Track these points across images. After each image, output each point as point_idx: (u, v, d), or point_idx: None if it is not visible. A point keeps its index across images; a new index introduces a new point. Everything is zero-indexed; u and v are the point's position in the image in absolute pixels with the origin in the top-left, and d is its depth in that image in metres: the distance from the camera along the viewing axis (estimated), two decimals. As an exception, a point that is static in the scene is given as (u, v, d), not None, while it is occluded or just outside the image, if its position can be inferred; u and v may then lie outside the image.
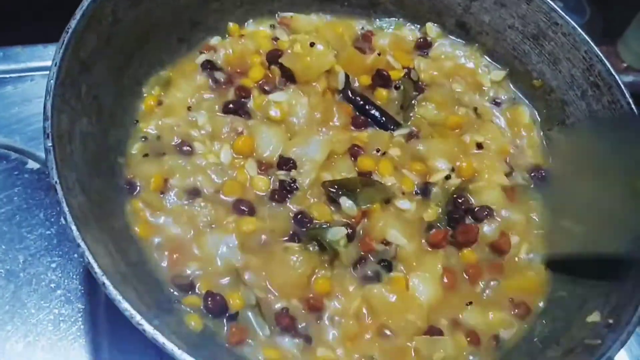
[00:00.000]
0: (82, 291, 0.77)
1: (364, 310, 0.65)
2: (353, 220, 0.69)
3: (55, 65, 0.61)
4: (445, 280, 0.68)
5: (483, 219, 0.72)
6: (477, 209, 0.72)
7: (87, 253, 0.53)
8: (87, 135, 0.64)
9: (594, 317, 0.64)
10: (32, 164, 0.86)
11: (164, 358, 0.52)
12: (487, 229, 0.72)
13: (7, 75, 0.93)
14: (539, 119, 0.85)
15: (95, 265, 0.52)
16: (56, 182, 0.55)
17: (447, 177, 0.73)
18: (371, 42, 0.88)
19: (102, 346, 0.73)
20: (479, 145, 0.78)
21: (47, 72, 0.89)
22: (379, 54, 0.83)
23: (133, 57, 0.74)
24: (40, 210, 0.82)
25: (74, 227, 0.53)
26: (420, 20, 0.90)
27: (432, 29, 0.90)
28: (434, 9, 0.89)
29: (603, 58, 0.79)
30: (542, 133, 0.84)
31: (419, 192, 0.73)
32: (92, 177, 0.63)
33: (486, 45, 0.88)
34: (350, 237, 0.67)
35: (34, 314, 0.75)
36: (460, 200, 0.72)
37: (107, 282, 0.52)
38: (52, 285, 0.77)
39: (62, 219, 0.55)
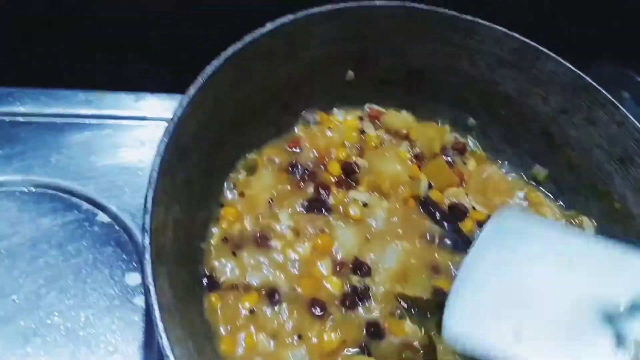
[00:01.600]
0: (140, 358, 0.77)
1: None
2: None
3: (159, 155, 0.61)
4: None
5: None
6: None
7: (174, 363, 0.53)
8: (178, 222, 0.65)
9: None
10: (103, 217, 0.86)
11: None
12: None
13: (87, 121, 0.93)
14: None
15: (181, 379, 0.52)
16: (150, 284, 0.55)
17: None
18: (463, 153, 0.88)
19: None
20: None
21: (126, 122, 0.94)
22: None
23: (225, 140, 0.74)
24: (106, 267, 0.82)
25: (164, 336, 0.53)
26: (504, 123, 0.89)
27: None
28: (520, 115, 0.88)
29: (690, 197, 0.78)
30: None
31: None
32: (177, 267, 0.63)
33: (569, 158, 0.87)
34: None
35: (91, 378, 0.75)
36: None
37: (192, 398, 0.52)
38: (110, 348, 0.77)
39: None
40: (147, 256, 0.56)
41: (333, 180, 0.79)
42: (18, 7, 0.91)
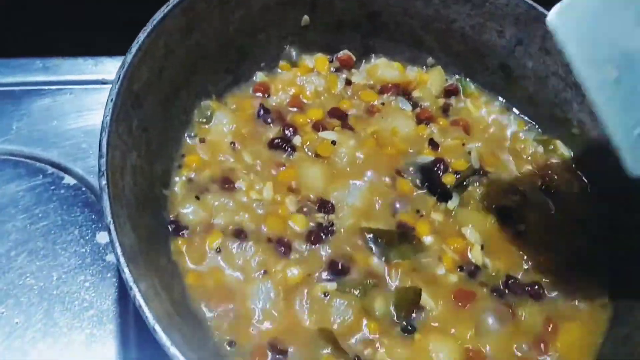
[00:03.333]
0: (114, 312, 0.78)
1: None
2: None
3: (111, 100, 0.62)
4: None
5: (534, 296, 0.71)
6: (526, 287, 0.72)
7: (138, 297, 0.53)
8: (136, 168, 0.65)
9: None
10: (69, 180, 0.86)
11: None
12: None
13: (47, 87, 0.93)
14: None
15: (146, 310, 0.53)
16: (110, 222, 0.56)
17: (485, 266, 0.72)
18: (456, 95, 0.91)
19: (132, 368, 0.74)
20: (519, 233, 0.76)
21: (87, 86, 0.94)
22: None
23: (181, 88, 0.74)
24: (75, 227, 0.83)
25: (127, 270, 0.54)
26: (463, 60, 0.90)
27: None
28: (478, 51, 0.89)
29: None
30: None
31: (464, 269, 0.72)
32: (139, 212, 0.63)
33: (527, 90, 0.88)
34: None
35: (66, 333, 0.75)
36: (509, 282, 0.72)
37: (158, 328, 0.53)
38: (85, 304, 0.77)
39: (113, 257, 0.56)
40: (105, 196, 0.57)
41: (308, 122, 0.80)
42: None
